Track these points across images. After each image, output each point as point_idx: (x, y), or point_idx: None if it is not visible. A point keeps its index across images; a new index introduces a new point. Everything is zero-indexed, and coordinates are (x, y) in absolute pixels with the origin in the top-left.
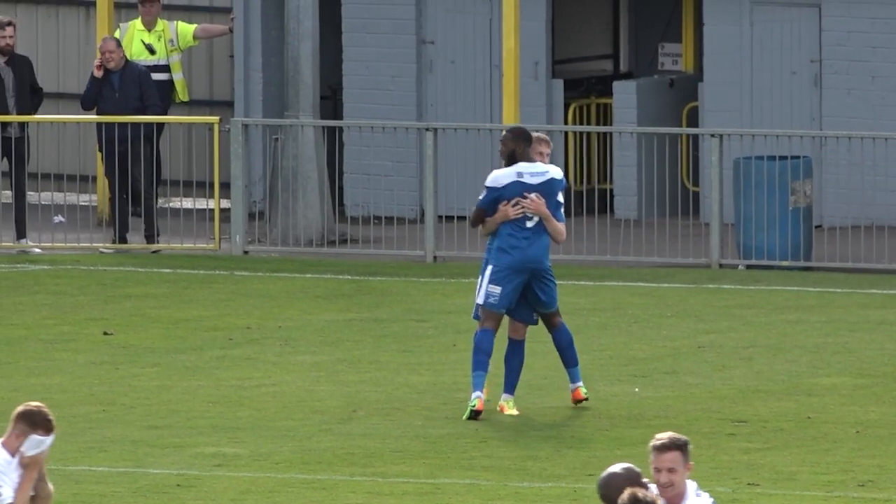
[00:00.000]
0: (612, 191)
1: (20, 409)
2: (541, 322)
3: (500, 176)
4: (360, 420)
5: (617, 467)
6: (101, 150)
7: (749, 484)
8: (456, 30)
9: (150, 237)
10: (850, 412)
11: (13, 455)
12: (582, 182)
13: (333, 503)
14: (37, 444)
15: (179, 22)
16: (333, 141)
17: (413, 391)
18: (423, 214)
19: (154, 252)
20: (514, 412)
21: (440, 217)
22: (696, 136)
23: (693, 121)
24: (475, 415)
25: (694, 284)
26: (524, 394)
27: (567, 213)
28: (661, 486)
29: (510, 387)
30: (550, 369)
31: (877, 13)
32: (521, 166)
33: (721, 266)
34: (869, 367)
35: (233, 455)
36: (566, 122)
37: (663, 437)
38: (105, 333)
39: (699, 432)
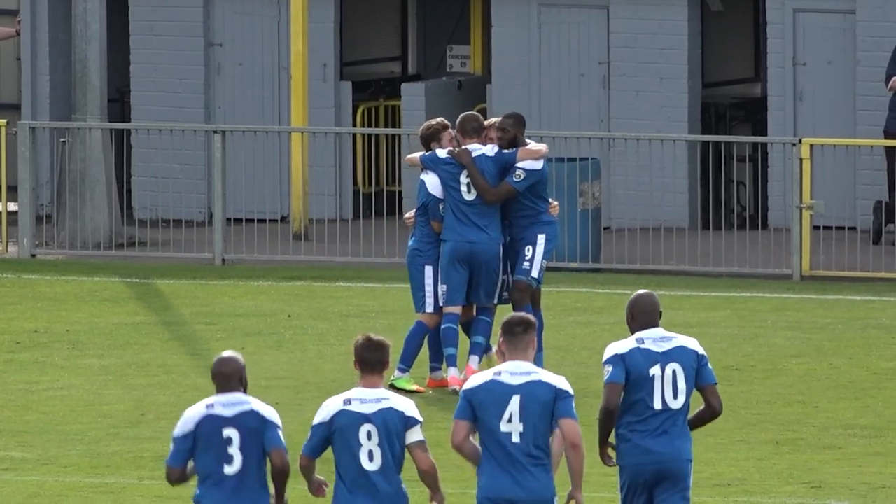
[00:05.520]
0: (401, 193)
1: None
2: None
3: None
4: (149, 423)
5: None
6: None
7: None
8: (244, 32)
9: None
10: None
11: None
12: (371, 184)
13: None
14: None
15: None
16: (121, 143)
17: (202, 394)
18: (211, 217)
19: None
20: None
21: (228, 220)
22: None
23: None
24: None
25: None
26: (316, 396)
27: (356, 215)
28: None
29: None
30: (340, 371)
31: (664, 15)
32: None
33: None
34: None
35: (20, 459)
36: (354, 125)
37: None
38: None
39: None
